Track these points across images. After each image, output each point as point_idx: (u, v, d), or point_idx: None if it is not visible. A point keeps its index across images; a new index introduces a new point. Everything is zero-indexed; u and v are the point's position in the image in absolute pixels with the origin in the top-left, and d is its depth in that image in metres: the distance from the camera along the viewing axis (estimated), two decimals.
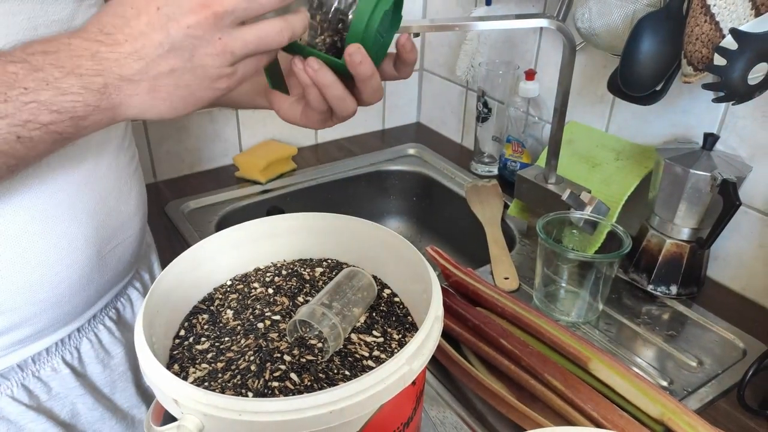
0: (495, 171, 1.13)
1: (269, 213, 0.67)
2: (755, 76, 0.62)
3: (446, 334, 0.69)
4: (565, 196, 0.82)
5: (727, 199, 0.70)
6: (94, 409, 0.59)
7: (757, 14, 0.62)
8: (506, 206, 1.00)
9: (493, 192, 1.05)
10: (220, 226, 0.98)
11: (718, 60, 0.63)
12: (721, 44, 0.63)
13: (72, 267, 0.52)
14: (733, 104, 0.68)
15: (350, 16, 0.45)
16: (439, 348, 0.67)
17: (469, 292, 0.73)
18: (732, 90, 0.63)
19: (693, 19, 0.65)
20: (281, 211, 0.58)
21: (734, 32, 0.61)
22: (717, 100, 0.65)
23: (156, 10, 0.36)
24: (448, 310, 0.71)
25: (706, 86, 0.65)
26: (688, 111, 0.83)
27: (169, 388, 0.38)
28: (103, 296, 0.59)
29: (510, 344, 0.63)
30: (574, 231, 0.80)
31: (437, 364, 0.68)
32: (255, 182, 1.10)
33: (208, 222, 0.99)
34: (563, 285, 0.78)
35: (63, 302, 0.53)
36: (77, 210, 0.51)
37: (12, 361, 0.52)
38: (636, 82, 0.73)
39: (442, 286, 0.74)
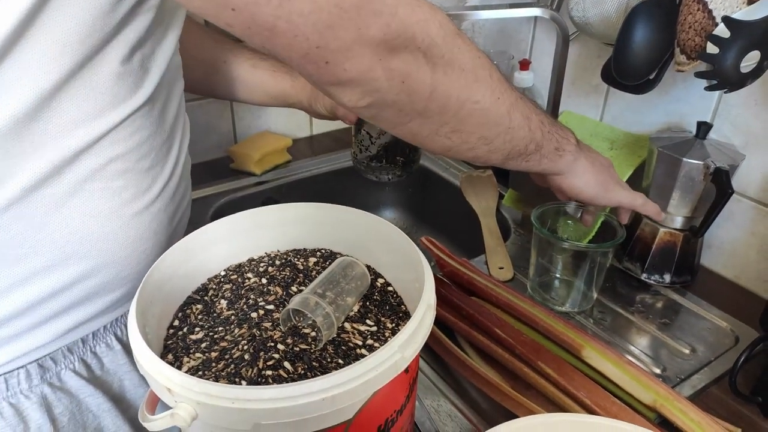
0: None
1: (264, 204, 0.67)
2: (747, 64, 0.62)
3: (441, 324, 0.70)
4: None
5: (719, 187, 0.70)
6: (139, 386, 0.61)
7: (750, 2, 0.62)
8: (501, 197, 1.00)
9: (488, 182, 1.05)
10: (215, 217, 0.96)
11: (711, 48, 0.63)
12: (713, 32, 0.63)
13: (156, 246, 0.55)
14: (725, 92, 0.68)
15: None
16: (434, 337, 0.68)
17: (463, 281, 0.74)
18: (724, 78, 0.63)
19: (686, 7, 0.65)
20: (276, 203, 0.59)
21: (727, 20, 0.61)
22: (710, 88, 0.65)
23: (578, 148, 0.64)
24: (443, 300, 0.71)
25: (699, 74, 0.65)
26: (682, 100, 0.83)
27: (162, 377, 0.38)
28: None
29: (504, 333, 0.64)
30: (569, 221, 0.81)
31: (432, 353, 0.68)
32: (250, 174, 1.09)
33: (204, 214, 0.98)
34: (557, 275, 0.78)
35: (137, 279, 0.55)
36: (168, 192, 0.56)
37: (79, 334, 0.54)
38: (629, 71, 0.73)
39: (436, 276, 0.75)
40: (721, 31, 0.62)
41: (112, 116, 0.47)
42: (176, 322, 0.50)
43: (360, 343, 0.47)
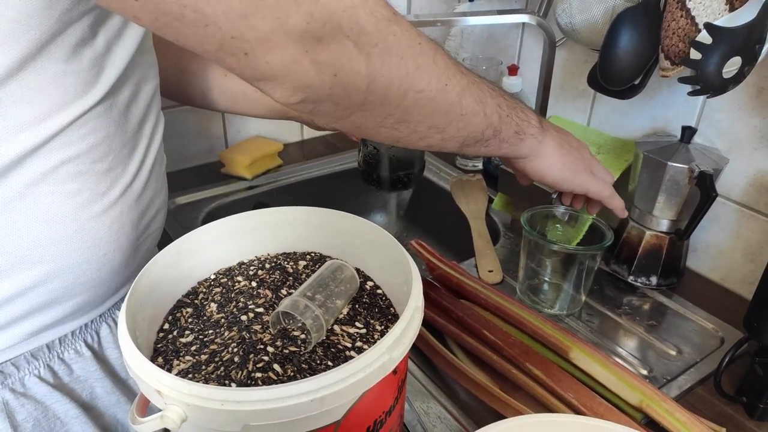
0: (480, 166, 1.14)
1: (255, 209, 0.68)
2: (729, 69, 0.64)
3: (431, 326, 0.70)
4: (555, 195, 0.83)
5: (704, 190, 0.71)
6: (112, 393, 0.60)
7: (731, 9, 0.63)
8: (490, 200, 1.01)
9: (477, 186, 1.06)
10: (206, 222, 0.97)
11: (694, 54, 0.64)
12: (696, 39, 0.64)
13: (117, 251, 0.54)
14: (708, 97, 0.69)
15: None
16: (424, 340, 0.68)
17: (453, 284, 0.74)
18: (707, 83, 0.64)
19: (670, 14, 0.66)
20: (267, 207, 0.60)
21: (709, 27, 0.62)
22: (693, 93, 0.66)
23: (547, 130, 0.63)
24: (433, 303, 0.71)
25: (682, 80, 0.66)
26: (667, 104, 0.84)
27: (152, 379, 0.38)
28: (126, 284, 0.60)
29: (493, 335, 0.64)
30: (558, 225, 0.82)
31: (422, 355, 0.69)
32: (241, 178, 1.10)
33: (194, 218, 0.99)
34: (546, 278, 0.79)
35: (101, 285, 0.55)
36: (131, 195, 0.54)
37: (43, 340, 0.54)
38: (615, 77, 0.74)
39: (426, 279, 0.75)
40: (704, 37, 0.63)
41: (60, 117, 0.46)
42: (166, 326, 0.50)
43: (349, 345, 0.48)
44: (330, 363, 0.46)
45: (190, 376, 0.44)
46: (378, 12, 0.41)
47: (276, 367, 0.45)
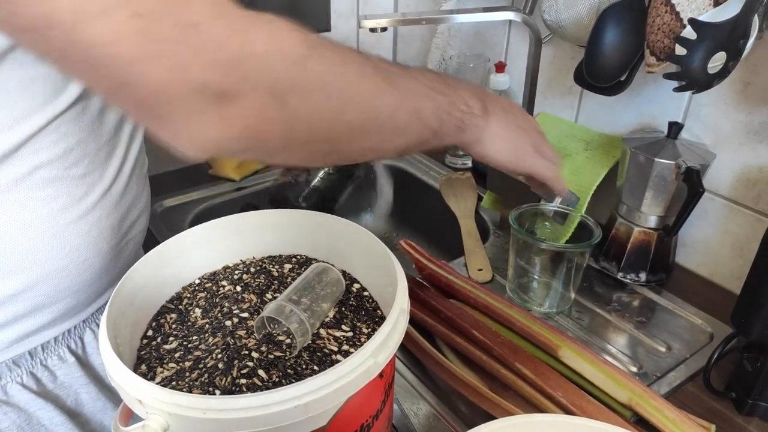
0: (469, 164, 1.14)
1: (243, 211, 0.68)
2: (714, 65, 0.63)
3: (420, 327, 0.70)
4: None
5: (691, 186, 0.71)
6: (98, 399, 0.60)
7: (716, 4, 0.63)
8: (480, 198, 1.01)
9: (467, 185, 1.05)
10: (194, 224, 0.97)
11: (679, 50, 0.64)
12: (681, 34, 0.64)
13: (97, 256, 0.54)
14: (693, 93, 0.69)
15: None
16: (413, 340, 0.68)
17: (442, 284, 0.74)
18: (692, 79, 0.64)
19: (654, 9, 0.66)
20: (256, 209, 0.59)
21: (693, 22, 0.62)
22: (678, 89, 0.66)
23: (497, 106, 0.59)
24: (422, 303, 0.71)
25: (667, 76, 0.66)
26: (653, 100, 0.84)
27: (134, 388, 0.38)
28: (109, 289, 0.60)
29: (482, 335, 0.64)
30: (546, 222, 0.81)
31: (411, 356, 0.68)
32: (229, 180, 1.09)
33: (182, 220, 0.98)
34: (536, 276, 0.79)
35: (82, 291, 0.54)
36: (110, 200, 0.54)
37: (25, 347, 0.53)
38: (601, 73, 0.74)
39: (416, 279, 0.75)
40: (688, 32, 0.63)
41: (30, 122, 0.45)
42: (150, 332, 0.50)
43: (335, 348, 0.47)
44: (316, 367, 0.45)
45: (173, 383, 0.44)
46: (290, 52, 0.36)
47: (261, 372, 0.44)
